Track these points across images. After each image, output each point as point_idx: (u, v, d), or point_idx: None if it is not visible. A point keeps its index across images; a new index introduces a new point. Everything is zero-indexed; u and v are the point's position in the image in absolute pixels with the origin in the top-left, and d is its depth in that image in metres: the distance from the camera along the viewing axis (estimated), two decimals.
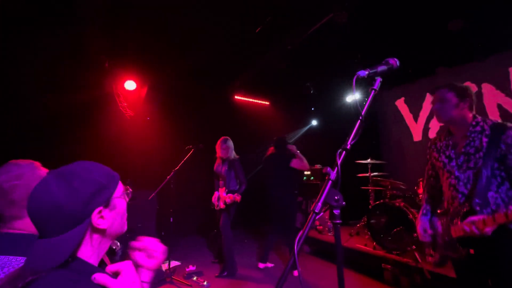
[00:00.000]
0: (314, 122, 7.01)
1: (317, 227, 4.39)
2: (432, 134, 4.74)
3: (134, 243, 0.83)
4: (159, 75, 4.91)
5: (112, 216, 0.70)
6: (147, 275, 0.78)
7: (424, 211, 1.64)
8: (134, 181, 4.59)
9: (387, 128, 5.55)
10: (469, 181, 1.42)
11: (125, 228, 0.78)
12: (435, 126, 4.72)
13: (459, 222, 1.38)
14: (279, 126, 6.30)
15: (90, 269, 0.64)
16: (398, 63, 0.94)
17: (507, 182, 1.35)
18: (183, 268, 3.60)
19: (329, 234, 4.18)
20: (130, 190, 0.97)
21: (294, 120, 6.83)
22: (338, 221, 0.70)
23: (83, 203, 0.63)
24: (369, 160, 3.93)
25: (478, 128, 1.43)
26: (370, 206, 3.57)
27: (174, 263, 3.82)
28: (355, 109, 4.64)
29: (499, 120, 1.46)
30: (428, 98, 4.85)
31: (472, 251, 1.37)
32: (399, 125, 5.25)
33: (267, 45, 4.54)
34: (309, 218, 0.68)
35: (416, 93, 5.03)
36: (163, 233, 4.79)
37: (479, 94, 4.22)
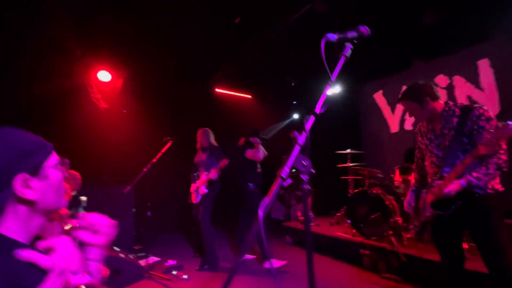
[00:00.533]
0: (296, 116, 7.05)
1: (299, 217, 4.42)
2: (408, 126, 4.90)
3: (75, 221, 0.75)
4: (137, 66, 4.72)
5: (43, 187, 0.63)
6: (96, 253, 0.71)
7: (414, 188, 1.89)
8: (110, 175, 4.42)
9: (366, 120, 5.68)
10: (445, 157, 1.63)
11: (62, 203, 0.70)
12: (410, 118, 4.89)
13: (438, 192, 1.59)
14: (261, 120, 6.28)
15: (11, 244, 0.56)
16: (368, 31, 0.92)
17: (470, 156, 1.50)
18: (163, 263, 3.50)
19: (311, 224, 4.22)
20: (67, 161, 0.89)
21: (276, 113, 6.84)
22: (306, 187, 0.67)
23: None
24: (348, 150, 3.99)
25: (450, 112, 1.63)
26: (349, 195, 3.63)
27: (153, 259, 3.71)
28: (336, 104, 4.74)
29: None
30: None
31: (440, 212, 1.62)
32: (378, 117, 5.39)
33: (246, 36, 4.48)
34: (275, 182, 0.65)
35: (393, 86, 5.17)
36: (142, 229, 4.65)
37: (451, 86, 4.41)
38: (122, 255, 3.02)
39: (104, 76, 4.43)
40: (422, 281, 2.53)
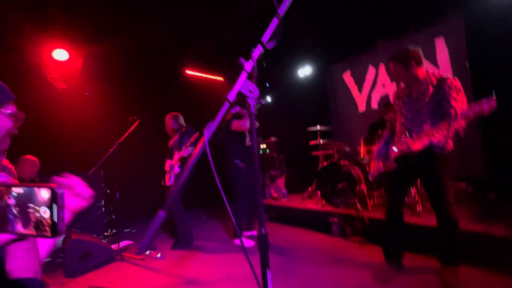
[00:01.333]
0: (269, 98, 7.09)
1: (273, 195, 4.53)
2: (374, 104, 5.14)
3: (59, 179, 0.70)
4: (99, 45, 4.40)
5: None
6: (67, 217, 0.68)
7: (384, 141, 2.13)
8: (75, 161, 4.17)
9: (336, 100, 5.87)
10: (413, 119, 1.88)
11: (3, 147, 0.66)
12: (376, 97, 5.13)
13: (406, 148, 1.84)
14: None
15: None
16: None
17: (438, 119, 1.75)
18: (136, 245, 3.44)
19: (284, 200, 4.36)
20: (23, 116, 0.84)
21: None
22: (253, 111, 0.69)
23: None
24: (318, 127, 4.12)
25: (429, 81, 1.83)
26: (318, 169, 3.78)
27: (126, 242, 3.62)
28: (307, 84, 4.76)
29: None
30: (371, 70, 5.22)
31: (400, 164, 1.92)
32: (347, 97, 5.59)
33: (217, 15, 4.35)
34: (223, 107, 0.65)
35: (360, 65, 5.37)
36: (113, 217, 4.50)
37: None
38: (90, 239, 2.92)
39: (60, 55, 4.10)
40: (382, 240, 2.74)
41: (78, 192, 0.72)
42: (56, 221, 0.51)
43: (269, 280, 0.64)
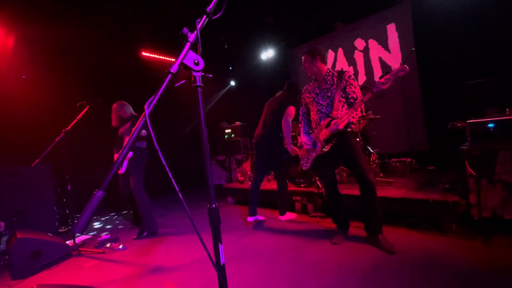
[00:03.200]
0: (232, 82, 6.97)
1: (239, 178, 4.57)
2: None
3: None
4: (36, 22, 3.85)
5: None
6: None
7: (304, 132, 2.50)
8: (14, 153, 3.72)
9: (297, 83, 5.96)
10: (328, 105, 2.26)
11: None
12: None
13: (324, 129, 2.22)
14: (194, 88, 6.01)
15: None
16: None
17: (346, 104, 2.21)
18: (95, 239, 3.25)
19: (250, 183, 4.41)
20: None
21: (211, 80, 6.62)
22: (198, 84, 0.66)
23: None
24: None
25: (331, 74, 2.28)
26: None
27: (83, 237, 3.41)
28: (270, 67, 4.73)
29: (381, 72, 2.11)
30: (330, 54, 5.39)
31: (330, 145, 2.23)
32: (308, 79, 5.72)
33: None
34: (165, 79, 0.62)
35: (321, 48, 5.48)
36: (68, 211, 4.17)
37: (367, 49, 4.91)
38: (40, 236, 2.67)
39: None
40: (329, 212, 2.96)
41: None
42: None
43: (221, 254, 0.65)
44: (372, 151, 3.40)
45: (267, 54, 6.04)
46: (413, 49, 4.02)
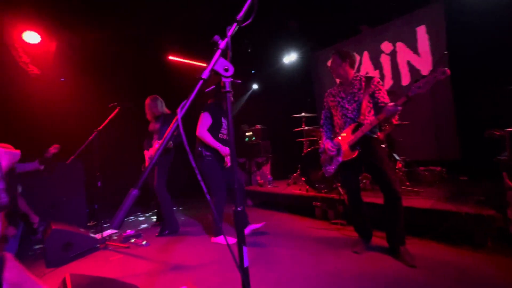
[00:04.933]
0: (255, 86, 7.03)
1: (259, 181, 4.58)
2: None
3: None
4: (76, 29, 4.16)
5: None
6: None
7: (327, 137, 2.44)
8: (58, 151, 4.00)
9: (320, 86, 5.91)
10: (354, 110, 2.20)
11: None
12: None
13: (350, 135, 2.17)
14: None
15: None
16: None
17: (374, 109, 2.16)
18: (120, 234, 3.41)
19: (269, 186, 4.42)
20: None
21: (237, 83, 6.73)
22: (228, 90, 0.68)
23: None
24: (303, 114, 4.15)
25: (358, 78, 2.22)
26: (302, 155, 3.84)
27: (110, 232, 3.58)
28: (292, 71, 4.73)
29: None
30: (355, 56, 5.26)
31: (357, 152, 2.16)
32: (331, 84, 5.63)
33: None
34: (197, 85, 0.65)
35: (352, 54, 5.39)
36: (96, 206, 4.41)
37: (394, 52, 4.74)
38: (71, 229, 2.86)
39: (31, 37, 3.84)
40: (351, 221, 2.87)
41: None
42: None
43: (245, 256, 0.66)
44: (398, 158, 3.27)
45: (290, 57, 6.03)
46: (446, 52, 3.82)
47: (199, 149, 2.80)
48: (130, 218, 4.44)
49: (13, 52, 3.63)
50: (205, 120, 2.75)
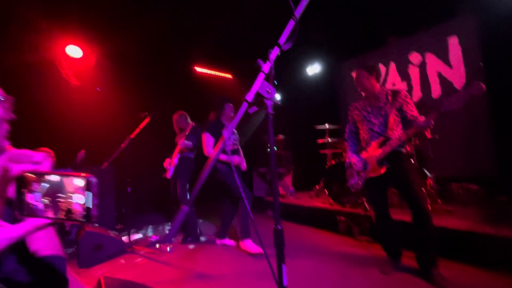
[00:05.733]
0: (278, 96, 7.09)
1: (280, 192, 4.56)
2: None
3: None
4: (111, 43, 4.48)
5: None
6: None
7: (352, 151, 2.37)
8: (86, 155, 4.27)
9: (344, 98, 5.83)
10: (381, 124, 2.14)
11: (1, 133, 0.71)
12: None
13: (378, 149, 2.10)
14: (241, 102, 6.26)
15: None
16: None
17: (401, 123, 2.10)
18: (146, 239, 3.52)
19: (291, 197, 4.38)
20: (12, 98, 0.88)
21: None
22: (270, 111, 0.71)
23: None
24: (326, 125, 4.11)
25: (384, 92, 2.18)
26: (326, 167, 3.78)
27: (136, 236, 3.72)
28: (315, 82, 4.74)
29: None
30: (381, 68, 5.16)
31: (385, 167, 2.09)
32: (356, 95, 5.53)
33: (225, 11, 4.37)
34: (241, 107, 0.68)
35: (370, 63, 5.30)
36: (123, 210, 4.61)
37: (423, 63, 4.59)
38: (102, 231, 3.01)
39: (74, 51, 4.19)
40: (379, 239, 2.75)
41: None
42: (90, 207, 0.55)
43: (284, 275, 0.67)
44: (429, 174, 3.12)
45: (313, 68, 6.04)
46: (481, 63, 3.64)
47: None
48: (158, 226, 4.59)
49: (58, 66, 3.97)
50: (207, 140, 2.93)
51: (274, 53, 0.73)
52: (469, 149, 3.74)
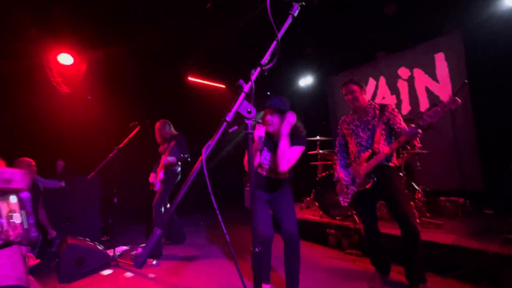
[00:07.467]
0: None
1: None
2: None
3: None
4: (103, 50, 4.47)
5: None
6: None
7: (341, 165, 2.39)
8: (74, 164, 4.18)
9: (335, 111, 5.91)
10: (369, 138, 2.16)
11: None
12: None
13: (365, 163, 2.11)
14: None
15: None
16: None
17: (388, 137, 2.12)
18: (131, 251, 3.42)
19: None
20: None
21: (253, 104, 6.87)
22: (249, 131, 0.71)
23: None
24: (318, 137, 4.14)
25: (372, 106, 2.20)
26: (317, 179, 3.78)
27: (121, 248, 3.60)
28: (307, 94, 4.79)
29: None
30: (371, 82, 5.28)
31: (372, 181, 2.10)
32: (347, 108, 5.62)
33: (218, 22, 4.43)
34: (221, 127, 0.68)
35: (361, 78, 5.39)
36: (110, 221, 4.48)
37: (411, 78, 4.72)
38: (86, 244, 2.90)
39: (65, 59, 4.15)
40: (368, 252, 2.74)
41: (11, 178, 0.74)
42: (26, 227, 0.51)
43: None
44: (417, 187, 3.15)
45: (306, 81, 6.13)
46: (466, 81, 3.75)
47: None
48: (145, 238, 4.46)
49: (48, 73, 3.93)
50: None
51: (256, 73, 0.74)
52: (457, 163, 3.81)
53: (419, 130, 1.83)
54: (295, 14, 0.81)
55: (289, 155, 1.92)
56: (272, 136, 2.04)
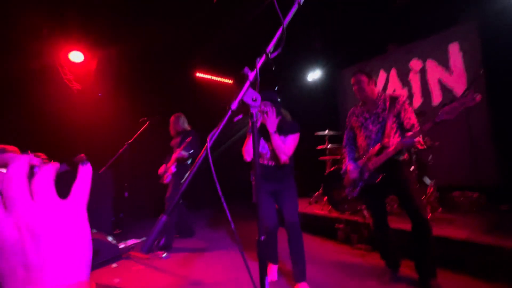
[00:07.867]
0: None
1: None
2: None
3: None
4: (112, 48, 4.54)
5: None
6: None
7: (349, 158, 2.31)
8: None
9: (345, 105, 5.82)
10: (378, 131, 2.08)
11: None
12: None
13: (374, 157, 2.04)
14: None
15: None
16: None
17: (399, 130, 2.04)
18: (142, 244, 3.49)
19: None
20: None
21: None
22: (254, 120, 0.70)
23: None
24: (326, 131, 4.09)
25: (382, 98, 2.13)
26: (325, 174, 3.75)
27: (133, 241, 3.69)
28: (316, 88, 4.73)
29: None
30: (382, 74, 5.15)
31: (381, 176, 2.04)
32: (356, 102, 5.52)
33: (225, 18, 4.41)
34: (226, 115, 0.67)
35: (371, 70, 5.29)
36: (121, 215, 4.59)
37: (423, 70, 4.58)
38: (99, 236, 2.99)
39: (76, 56, 4.23)
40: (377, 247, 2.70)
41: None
42: None
43: (267, 285, 0.65)
44: (429, 182, 3.08)
45: (314, 75, 6.04)
46: (482, 71, 3.62)
47: None
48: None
49: (60, 71, 4.02)
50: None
51: (261, 61, 0.73)
52: (471, 156, 3.69)
53: (418, 139, 1.84)
54: (301, 2, 0.79)
55: (284, 148, 2.05)
56: (265, 126, 2.07)
